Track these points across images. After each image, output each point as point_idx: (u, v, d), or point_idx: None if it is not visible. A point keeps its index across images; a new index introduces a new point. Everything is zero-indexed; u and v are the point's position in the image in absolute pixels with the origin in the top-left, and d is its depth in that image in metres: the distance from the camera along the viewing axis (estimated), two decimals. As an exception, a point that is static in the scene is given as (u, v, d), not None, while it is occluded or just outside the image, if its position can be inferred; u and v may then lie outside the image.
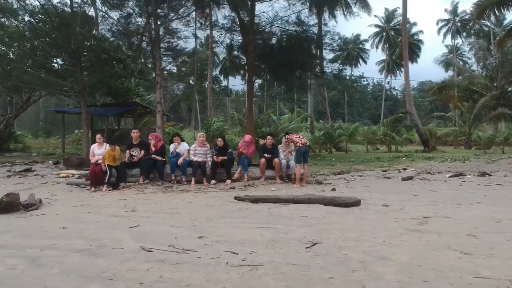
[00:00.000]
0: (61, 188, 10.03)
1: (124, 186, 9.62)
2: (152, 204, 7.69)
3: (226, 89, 74.74)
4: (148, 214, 6.82)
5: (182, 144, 10.63)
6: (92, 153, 10.07)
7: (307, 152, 9.91)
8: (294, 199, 7.52)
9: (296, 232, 5.28)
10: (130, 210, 7.14)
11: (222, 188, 9.62)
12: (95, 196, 8.77)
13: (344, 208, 7.00)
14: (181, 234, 5.24)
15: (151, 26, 16.33)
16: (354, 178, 11.14)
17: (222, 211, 6.97)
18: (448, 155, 20.14)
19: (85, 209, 7.31)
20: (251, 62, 17.72)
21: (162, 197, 8.55)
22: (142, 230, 5.59)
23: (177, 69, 21.39)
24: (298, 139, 9.89)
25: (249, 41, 17.10)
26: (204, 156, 10.50)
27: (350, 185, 10.04)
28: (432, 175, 11.55)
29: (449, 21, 70.15)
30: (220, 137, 10.90)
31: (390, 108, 73.57)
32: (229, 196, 8.42)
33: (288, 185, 9.93)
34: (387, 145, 26.79)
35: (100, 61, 18.18)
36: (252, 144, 10.85)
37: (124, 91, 22.61)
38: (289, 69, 19.12)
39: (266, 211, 6.89)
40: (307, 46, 18.81)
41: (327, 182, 10.39)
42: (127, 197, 8.49)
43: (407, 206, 7.04)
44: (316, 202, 7.36)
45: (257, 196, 7.81)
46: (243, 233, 5.25)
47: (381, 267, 3.80)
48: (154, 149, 10.31)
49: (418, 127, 25.89)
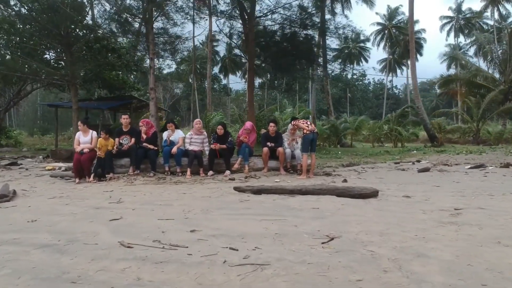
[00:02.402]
0: (43, 180, 9.16)
1: (112, 177, 8.72)
2: (141, 196, 6.81)
3: (225, 88, 73.97)
4: (135, 205, 5.97)
5: (177, 132, 9.66)
6: (77, 141, 9.15)
7: (314, 140, 9.01)
8: (302, 190, 6.65)
9: (308, 225, 4.45)
10: (114, 202, 6.28)
11: (220, 179, 8.71)
12: (79, 188, 7.90)
13: (360, 200, 6.16)
14: (170, 227, 4.42)
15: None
16: (365, 170, 10.25)
17: (220, 202, 6.12)
18: (463, 148, 19.07)
19: (63, 201, 6.45)
20: (252, 51, 16.82)
21: (153, 188, 7.66)
22: (124, 223, 4.76)
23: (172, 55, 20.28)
24: (305, 125, 8.98)
25: (250, 28, 16.21)
26: (201, 145, 9.59)
27: (362, 176, 9.16)
28: (450, 167, 10.64)
29: (453, 19, 69.68)
30: (221, 125, 9.93)
31: (391, 107, 72.86)
32: (228, 187, 7.56)
33: (293, 177, 9.03)
34: (393, 140, 25.82)
35: (92, 50, 17.30)
36: (253, 132, 9.93)
37: (119, 84, 21.65)
38: (291, 57, 18.27)
39: (271, 202, 6.05)
40: (309, 34, 17.97)
41: (336, 173, 9.50)
42: (114, 189, 7.62)
43: (432, 197, 6.18)
44: (327, 193, 6.50)
45: (259, 186, 6.93)
46: (244, 226, 4.42)
47: (420, 266, 3.00)
48: (146, 137, 9.42)
49: (425, 121, 24.90)
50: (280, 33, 18.21)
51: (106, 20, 16.47)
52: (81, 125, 9.20)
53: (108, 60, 18.37)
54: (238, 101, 66.40)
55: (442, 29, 70.79)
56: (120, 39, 20.93)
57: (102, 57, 18.20)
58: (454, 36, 70.06)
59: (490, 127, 31.02)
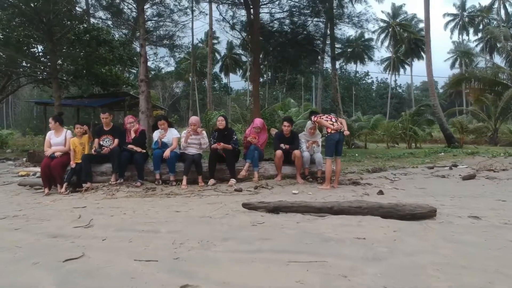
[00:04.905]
0: (7, 190, 7.46)
1: (89, 187, 6.99)
2: (119, 216, 5.13)
3: (226, 87, 72.46)
4: (107, 232, 4.31)
5: (170, 131, 7.87)
6: (48, 142, 7.40)
7: (341, 142, 7.28)
8: (333, 208, 4.97)
9: (362, 273, 2.87)
10: (82, 226, 4.61)
11: (224, 190, 6.96)
12: (45, 202, 6.21)
13: (415, 223, 4.53)
14: (150, 279, 2.85)
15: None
16: (398, 177, 8.54)
17: (225, 227, 4.46)
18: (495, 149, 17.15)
19: (14, 224, 4.78)
20: (257, 41, 15.13)
21: (139, 203, 5.96)
22: (83, 267, 3.18)
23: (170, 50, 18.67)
24: (329, 122, 7.26)
25: (254, 16, 14.53)
26: (199, 147, 7.87)
27: (398, 186, 7.45)
28: (497, 173, 8.92)
29: (457, 16, 68.54)
30: (222, 116, 8.15)
31: (395, 106, 71.52)
32: (234, 202, 5.88)
33: (314, 186, 7.29)
34: (407, 141, 24.07)
35: (81, 41, 15.63)
36: (264, 131, 8.20)
37: (112, 80, 19.89)
38: (300, 48, 16.61)
39: (295, 227, 4.40)
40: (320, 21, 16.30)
41: (365, 182, 7.80)
42: (88, 204, 5.93)
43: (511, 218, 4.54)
44: (369, 212, 4.83)
45: (276, 203, 5.24)
46: (266, 276, 2.86)
47: None
48: (134, 137, 7.69)
49: (441, 121, 23.15)
50: (288, 21, 16.58)
51: (95, 4, 14.79)
52: (52, 123, 7.42)
53: (99, 53, 16.64)
54: (239, 101, 64.98)
55: (446, 27, 69.92)
56: (113, 32, 19.31)
57: (92, 50, 16.51)
58: (459, 34, 69.06)
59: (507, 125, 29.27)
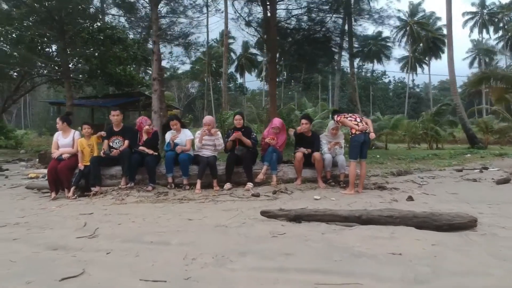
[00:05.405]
0: (14, 194, 7.14)
1: (97, 192, 6.61)
2: (127, 224, 4.72)
3: (241, 87, 72.09)
4: (113, 244, 3.91)
5: (183, 132, 7.42)
6: (56, 144, 7.05)
7: (366, 143, 6.76)
8: (362, 217, 4.50)
9: None
10: (86, 236, 4.22)
11: (240, 195, 6.51)
12: (50, 207, 5.84)
13: (454, 235, 4.04)
14: None
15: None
16: (426, 181, 7.98)
17: (242, 238, 4.02)
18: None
19: (14, 233, 4.42)
20: (274, 39, 14.66)
21: (149, 209, 5.55)
22: (81, 286, 2.73)
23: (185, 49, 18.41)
24: (353, 122, 6.76)
25: (271, 12, 14.07)
26: (214, 148, 7.44)
27: (426, 190, 6.91)
28: (534, 177, 8.32)
29: (476, 14, 67.23)
30: (239, 114, 7.71)
31: (413, 106, 70.15)
32: (251, 208, 5.44)
33: (336, 191, 6.79)
34: (428, 141, 23.32)
35: (95, 41, 15.37)
36: (283, 131, 7.71)
37: (127, 80, 19.65)
38: (318, 46, 16.13)
39: (320, 239, 3.94)
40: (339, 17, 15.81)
41: (391, 186, 7.26)
42: (96, 210, 5.54)
43: None
44: (401, 222, 4.34)
45: (298, 211, 4.78)
46: None
47: None
48: (146, 138, 7.29)
49: (464, 120, 22.39)
50: (306, 17, 16.08)
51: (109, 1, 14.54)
52: (60, 123, 7.06)
53: (113, 52, 16.38)
54: (254, 101, 64.69)
55: (465, 25, 68.60)
56: (128, 31, 19.06)
57: (106, 49, 16.27)
58: (478, 32, 67.69)
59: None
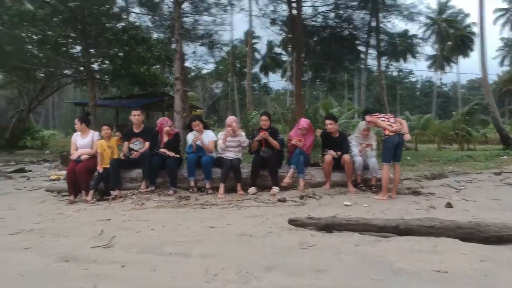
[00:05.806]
0: (34, 197, 6.97)
1: (117, 196, 6.36)
2: (146, 231, 4.43)
3: (265, 87, 71.73)
4: (129, 255, 3.61)
5: (206, 133, 7.11)
6: (74, 145, 6.84)
7: (400, 145, 6.30)
8: (399, 227, 4.09)
9: None
10: (101, 245, 3.94)
11: (266, 200, 6.15)
12: (67, 212, 5.61)
13: (503, 248, 3.63)
14: None
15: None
16: (463, 186, 7.46)
17: (268, 250, 3.67)
18: None
19: (27, 241, 4.19)
20: (300, 37, 14.24)
21: (169, 215, 5.26)
22: None
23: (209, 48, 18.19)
24: (386, 123, 6.32)
25: (297, 10, 13.66)
26: (238, 149, 7.11)
27: (465, 196, 6.41)
28: None
29: (508, 10, 64.92)
30: (265, 115, 7.25)
31: (441, 106, 68.42)
32: (278, 215, 5.08)
33: (368, 196, 6.37)
34: (459, 142, 22.46)
35: (119, 41, 15.30)
36: (310, 132, 7.32)
37: (151, 80, 19.61)
38: (342, 43, 15.72)
39: (354, 252, 3.56)
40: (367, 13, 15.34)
41: (427, 191, 6.78)
42: (114, 215, 5.28)
43: None
44: (443, 233, 3.92)
45: (329, 219, 4.40)
46: None
47: None
48: (167, 140, 7.01)
49: (497, 120, 21.45)
50: (333, 14, 15.64)
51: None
52: (78, 124, 6.84)
53: (136, 52, 16.31)
54: (279, 101, 64.27)
55: (495, 23, 66.34)
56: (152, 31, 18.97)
57: (130, 49, 16.23)
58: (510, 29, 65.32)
59: None
